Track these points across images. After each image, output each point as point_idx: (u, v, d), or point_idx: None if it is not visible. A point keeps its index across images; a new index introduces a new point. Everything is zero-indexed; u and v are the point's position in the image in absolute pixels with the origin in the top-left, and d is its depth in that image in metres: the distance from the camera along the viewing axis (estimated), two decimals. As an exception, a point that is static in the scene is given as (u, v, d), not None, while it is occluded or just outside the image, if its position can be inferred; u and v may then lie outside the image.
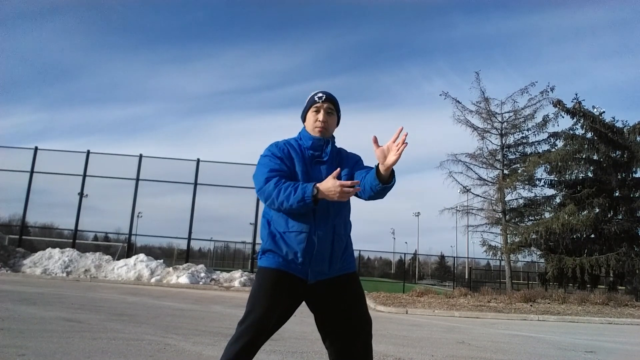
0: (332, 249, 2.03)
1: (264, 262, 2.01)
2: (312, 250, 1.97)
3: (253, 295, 1.97)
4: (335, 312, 2.04)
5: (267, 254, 2.02)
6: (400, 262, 46.17)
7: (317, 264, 2.00)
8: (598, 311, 12.13)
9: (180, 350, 4.08)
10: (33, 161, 17.20)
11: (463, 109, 18.93)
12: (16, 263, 14.77)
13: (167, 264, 15.47)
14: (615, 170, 19.06)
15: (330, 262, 2.03)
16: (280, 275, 1.97)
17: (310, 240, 1.97)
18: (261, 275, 2.01)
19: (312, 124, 2.14)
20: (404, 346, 5.22)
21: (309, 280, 2.00)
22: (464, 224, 19.63)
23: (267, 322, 1.91)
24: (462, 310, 10.91)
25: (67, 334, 4.42)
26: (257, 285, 1.99)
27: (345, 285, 2.07)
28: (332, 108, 2.16)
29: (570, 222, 16.89)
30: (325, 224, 2.00)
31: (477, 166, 19.08)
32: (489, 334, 7.20)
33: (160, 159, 18.04)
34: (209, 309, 8.07)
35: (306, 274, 1.99)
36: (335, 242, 2.04)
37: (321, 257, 2.00)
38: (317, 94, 2.15)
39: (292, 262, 1.98)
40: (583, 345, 6.40)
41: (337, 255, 2.05)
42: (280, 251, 1.99)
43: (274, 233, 2.02)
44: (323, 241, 1.99)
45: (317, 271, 2.01)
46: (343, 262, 2.08)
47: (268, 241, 2.02)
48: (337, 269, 2.06)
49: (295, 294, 2.01)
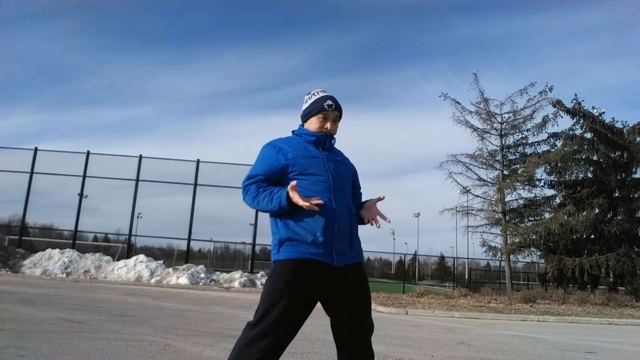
0: (351, 227, 2.02)
1: (282, 254, 1.92)
2: (332, 226, 1.92)
3: (270, 293, 1.86)
4: (348, 309, 1.96)
5: (285, 244, 1.92)
6: (400, 263, 46.24)
7: (339, 242, 1.94)
8: (598, 312, 12.12)
9: (180, 351, 4.07)
10: (33, 162, 17.21)
11: (462, 110, 18.95)
12: (16, 264, 14.77)
13: (167, 265, 15.47)
14: (615, 170, 19.06)
15: (351, 242, 2.01)
16: (300, 266, 1.87)
17: (330, 217, 1.92)
18: (278, 270, 1.90)
19: (317, 129, 2.13)
20: (404, 347, 5.22)
21: (335, 262, 1.91)
22: (464, 225, 19.62)
23: (287, 322, 1.82)
24: (462, 310, 10.91)
25: (67, 335, 4.42)
26: (272, 283, 1.89)
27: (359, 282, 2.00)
28: (338, 116, 2.18)
29: (569, 223, 16.89)
30: (342, 202, 2.01)
31: (477, 167, 19.10)
32: (489, 335, 7.20)
33: (160, 159, 18.08)
34: (209, 310, 8.06)
35: (332, 257, 1.91)
36: (352, 221, 2.04)
37: (343, 236, 1.96)
38: (326, 101, 2.13)
39: (313, 245, 1.89)
40: (583, 345, 6.40)
41: (355, 235, 2.05)
42: (298, 236, 1.91)
43: (286, 220, 1.95)
44: (342, 218, 1.97)
45: (341, 251, 1.94)
46: (359, 244, 2.09)
47: (283, 230, 1.95)
48: (356, 251, 2.04)
49: (319, 283, 1.90)
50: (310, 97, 2.20)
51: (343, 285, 1.95)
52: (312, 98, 2.19)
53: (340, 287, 1.95)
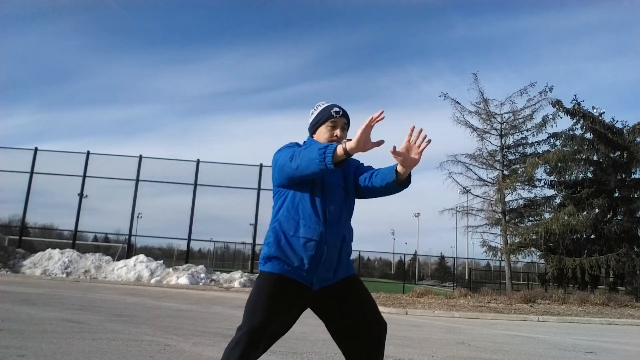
0: (340, 257, 2.03)
1: (267, 267, 1.97)
2: (320, 258, 1.95)
3: (253, 300, 1.92)
4: (341, 314, 2.01)
5: (271, 260, 1.97)
6: (400, 263, 46.23)
7: (323, 271, 1.98)
8: (598, 312, 12.13)
9: (180, 351, 4.07)
10: (33, 162, 17.22)
11: (462, 110, 18.97)
12: (16, 264, 14.77)
13: (167, 265, 15.47)
14: (615, 170, 19.07)
15: (336, 270, 2.03)
16: (283, 281, 1.93)
17: (320, 249, 1.94)
18: (262, 280, 1.96)
19: (327, 138, 2.09)
20: (403, 346, 5.22)
21: (313, 287, 1.98)
22: (464, 225, 19.62)
23: (267, 327, 1.85)
24: (462, 310, 10.91)
25: (67, 335, 4.42)
26: (257, 290, 1.94)
27: (347, 286, 2.05)
28: (346, 124, 2.14)
29: (569, 223, 16.90)
30: (336, 233, 2.00)
31: (477, 167, 19.12)
32: (489, 335, 7.20)
33: (160, 159, 18.09)
34: (209, 310, 8.06)
35: (311, 281, 1.97)
36: (342, 250, 2.04)
37: (328, 265, 1.98)
38: (333, 108, 2.11)
39: (297, 268, 1.95)
40: (583, 345, 6.40)
41: (343, 263, 2.05)
42: (285, 257, 1.95)
43: (279, 237, 1.97)
44: (332, 250, 1.98)
45: (322, 278, 1.99)
46: (346, 267, 2.09)
47: (273, 247, 1.98)
48: (341, 274, 2.06)
49: (298, 300, 1.97)
50: (316, 109, 2.17)
51: (326, 300, 2.01)
52: (317, 109, 2.16)
53: (322, 302, 2.02)
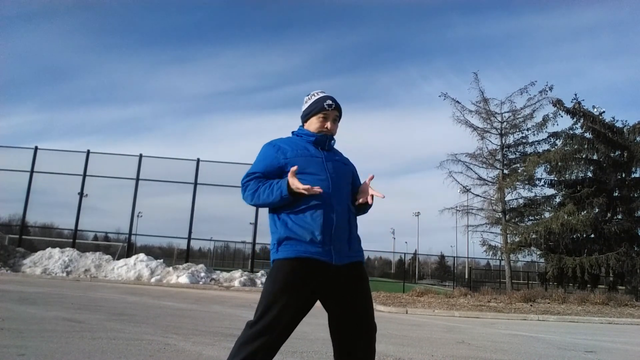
0: (350, 227, 2.02)
1: (281, 253, 1.92)
2: (331, 225, 1.93)
3: (267, 293, 1.87)
4: (347, 307, 1.95)
5: (284, 243, 1.93)
6: (400, 262, 46.27)
7: (337, 241, 1.94)
8: (598, 311, 12.14)
9: (180, 350, 4.08)
10: (33, 161, 17.21)
11: (462, 109, 18.99)
12: (16, 263, 14.77)
13: (167, 264, 15.48)
14: (615, 170, 19.07)
15: (349, 242, 2.01)
16: (299, 265, 1.88)
17: (328, 216, 1.93)
18: (276, 270, 1.91)
19: (317, 129, 2.14)
20: (404, 346, 5.23)
21: (334, 261, 1.91)
22: (464, 224, 19.64)
23: (285, 320, 1.82)
24: (462, 310, 10.91)
25: (67, 334, 4.42)
26: (271, 282, 1.89)
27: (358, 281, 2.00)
28: (338, 116, 2.19)
29: (569, 222, 16.91)
30: (341, 202, 2.01)
31: (477, 166, 19.13)
32: (489, 334, 7.20)
33: (160, 158, 18.06)
34: (209, 309, 8.07)
35: (330, 255, 1.91)
36: (351, 221, 2.04)
37: (341, 235, 1.96)
38: (326, 101, 2.14)
39: (312, 243, 1.90)
40: (583, 345, 6.40)
41: (354, 235, 2.05)
42: (297, 235, 1.91)
43: (285, 220, 1.96)
44: (341, 217, 1.97)
45: (339, 250, 1.94)
46: (358, 243, 2.09)
47: (281, 230, 1.95)
48: (355, 250, 2.04)
49: (317, 280, 1.90)
50: (310, 98, 2.20)
51: (343, 283, 1.95)
52: (311, 99, 2.19)
53: (339, 285, 1.95)
